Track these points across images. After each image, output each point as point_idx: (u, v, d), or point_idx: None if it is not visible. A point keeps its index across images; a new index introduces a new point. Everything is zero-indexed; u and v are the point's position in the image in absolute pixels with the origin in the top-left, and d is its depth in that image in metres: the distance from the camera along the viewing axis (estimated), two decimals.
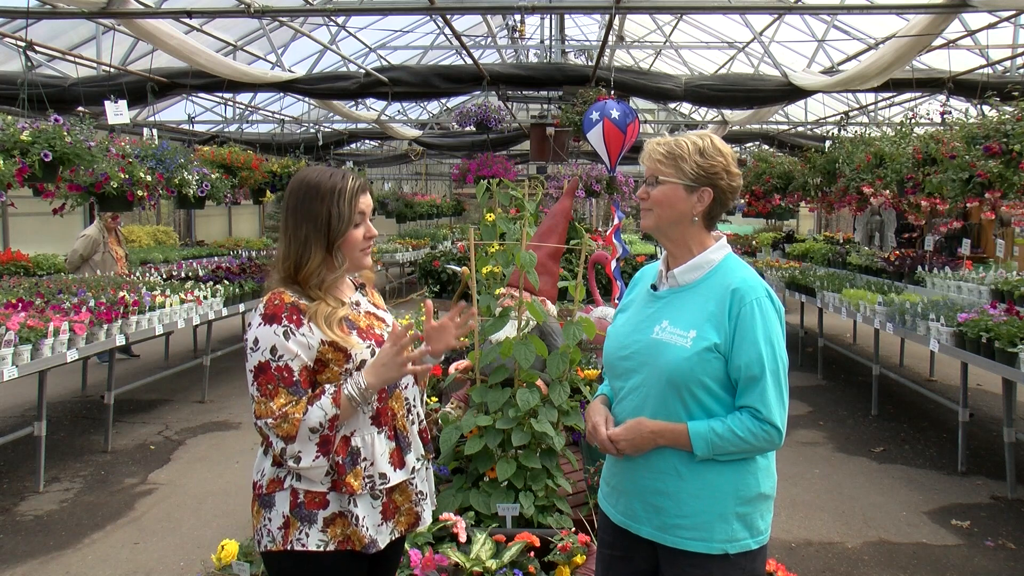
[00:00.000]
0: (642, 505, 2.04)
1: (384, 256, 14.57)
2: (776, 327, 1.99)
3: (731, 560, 1.96)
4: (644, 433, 2.00)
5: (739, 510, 1.97)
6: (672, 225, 2.07)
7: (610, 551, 2.16)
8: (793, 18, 9.12)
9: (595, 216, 19.57)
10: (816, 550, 4.39)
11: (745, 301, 1.97)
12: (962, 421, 5.61)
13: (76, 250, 8.66)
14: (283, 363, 1.93)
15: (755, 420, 1.93)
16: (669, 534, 1.99)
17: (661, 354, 2.00)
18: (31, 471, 5.37)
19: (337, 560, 1.98)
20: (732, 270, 2.05)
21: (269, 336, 1.93)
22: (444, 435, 3.17)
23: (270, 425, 1.91)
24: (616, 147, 7.61)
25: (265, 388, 1.92)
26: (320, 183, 2.03)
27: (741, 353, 1.94)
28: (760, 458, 2.02)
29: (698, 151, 2.04)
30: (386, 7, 7.78)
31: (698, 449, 1.94)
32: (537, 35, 13.05)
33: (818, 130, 13.48)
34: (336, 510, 1.97)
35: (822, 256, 10.32)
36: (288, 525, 1.96)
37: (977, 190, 5.57)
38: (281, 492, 1.98)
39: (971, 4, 5.44)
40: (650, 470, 2.02)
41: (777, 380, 1.95)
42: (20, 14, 6.20)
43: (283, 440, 1.91)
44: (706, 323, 1.98)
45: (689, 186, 2.04)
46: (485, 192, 3.66)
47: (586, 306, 5.26)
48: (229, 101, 12.17)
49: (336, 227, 2.01)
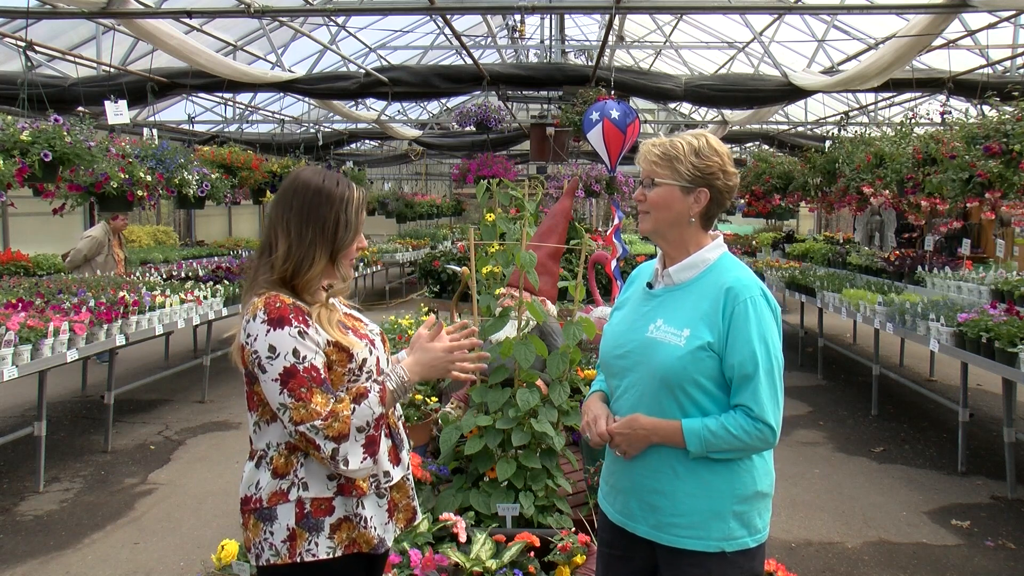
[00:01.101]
0: (639, 504, 2.04)
1: (384, 256, 14.57)
2: (771, 326, 1.98)
3: (729, 558, 1.96)
4: (638, 429, 2.00)
5: (736, 508, 1.97)
6: (670, 227, 2.07)
7: (609, 550, 2.16)
8: (793, 18, 9.12)
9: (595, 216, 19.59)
10: (816, 550, 4.39)
11: (739, 300, 1.96)
12: (962, 421, 5.61)
13: (80, 250, 8.66)
14: (308, 363, 1.86)
15: (748, 418, 1.93)
16: (666, 532, 1.99)
17: (655, 353, 2.00)
18: (31, 471, 5.37)
19: (345, 564, 1.95)
20: (727, 269, 2.05)
21: (286, 339, 1.85)
22: (444, 435, 3.17)
23: (319, 427, 1.82)
24: (616, 147, 7.61)
25: (299, 392, 1.83)
26: (329, 188, 1.97)
27: (735, 351, 1.94)
28: (757, 457, 2.01)
29: (694, 151, 2.03)
30: (386, 7, 7.78)
31: (691, 446, 1.94)
32: (537, 35, 13.05)
33: (818, 130, 13.48)
34: (342, 515, 1.94)
35: (822, 256, 10.32)
36: (295, 537, 1.90)
37: (977, 190, 5.57)
38: (285, 504, 1.91)
39: (971, 4, 5.44)
40: (647, 469, 2.03)
41: (771, 379, 1.95)
42: (20, 14, 6.20)
43: (334, 440, 1.84)
44: (700, 322, 1.98)
45: (685, 187, 2.03)
46: (485, 192, 3.66)
47: (586, 306, 5.26)
48: (229, 101, 12.16)
49: (343, 236, 1.97)
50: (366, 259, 13.28)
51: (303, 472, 1.93)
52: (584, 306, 5.18)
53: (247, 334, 1.89)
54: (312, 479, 1.93)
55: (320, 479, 1.93)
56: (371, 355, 2.02)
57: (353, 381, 1.97)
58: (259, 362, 1.86)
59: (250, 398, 1.99)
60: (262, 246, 2.02)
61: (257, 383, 1.92)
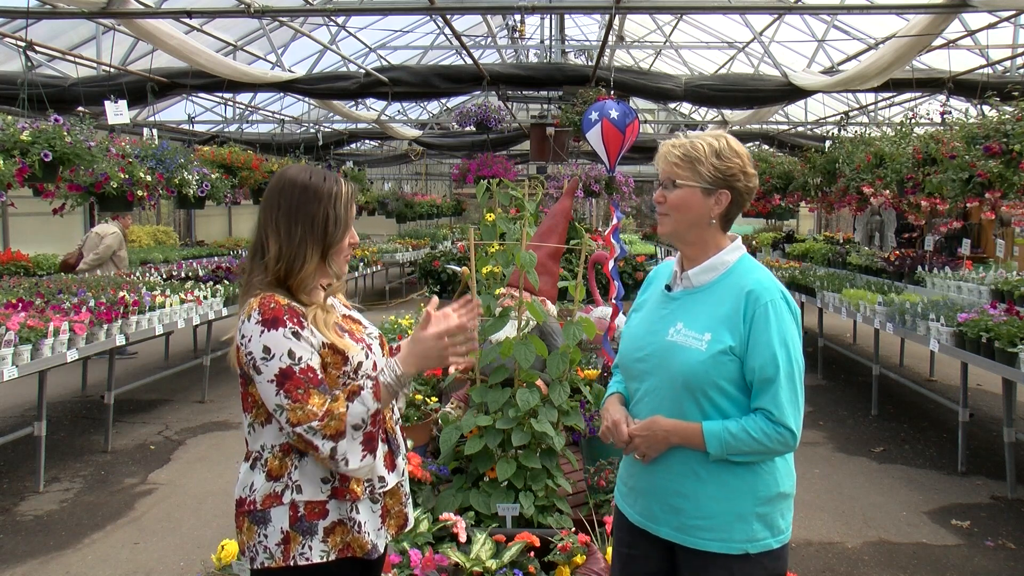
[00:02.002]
0: (661, 506, 2.04)
1: (384, 256, 14.56)
2: (791, 329, 1.98)
3: (752, 559, 1.96)
4: (658, 432, 1.99)
5: (759, 510, 1.97)
6: (689, 228, 2.05)
7: (628, 550, 2.16)
8: (793, 18, 9.12)
9: (595, 216, 19.58)
10: (816, 550, 4.39)
11: (760, 303, 1.96)
12: (962, 421, 5.61)
13: (111, 246, 8.75)
14: (304, 364, 1.85)
15: (769, 422, 1.93)
16: (689, 535, 1.99)
17: (676, 357, 1.99)
18: (31, 471, 5.37)
19: (339, 568, 1.94)
20: (747, 272, 2.04)
21: (280, 341, 1.84)
22: (444, 435, 3.17)
23: (316, 428, 1.81)
24: (615, 147, 7.60)
25: (296, 394, 1.82)
26: (316, 184, 1.95)
27: (755, 355, 1.94)
28: (779, 458, 2.01)
29: (714, 153, 2.01)
30: (386, 7, 7.78)
31: (711, 448, 1.94)
32: (537, 35, 13.05)
33: (818, 130, 13.48)
34: (336, 518, 1.93)
35: (822, 256, 10.32)
36: (288, 540, 1.89)
37: (977, 190, 5.57)
38: (279, 507, 1.91)
39: (971, 4, 5.44)
40: (668, 471, 2.02)
41: (792, 382, 1.95)
42: (20, 14, 6.20)
43: (331, 439, 1.82)
44: (721, 325, 1.97)
45: (706, 189, 2.01)
46: (485, 192, 3.66)
47: (586, 306, 5.26)
48: (229, 101, 12.16)
49: (333, 232, 1.96)
50: (366, 259, 13.28)
51: (297, 475, 1.92)
52: (584, 306, 5.18)
53: (242, 335, 1.89)
54: (306, 482, 1.92)
55: (314, 482, 1.92)
56: (367, 359, 2.01)
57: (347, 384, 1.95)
58: (254, 363, 1.85)
59: (245, 399, 1.98)
60: (253, 248, 2.00)
61: (252, 384, 1.92)
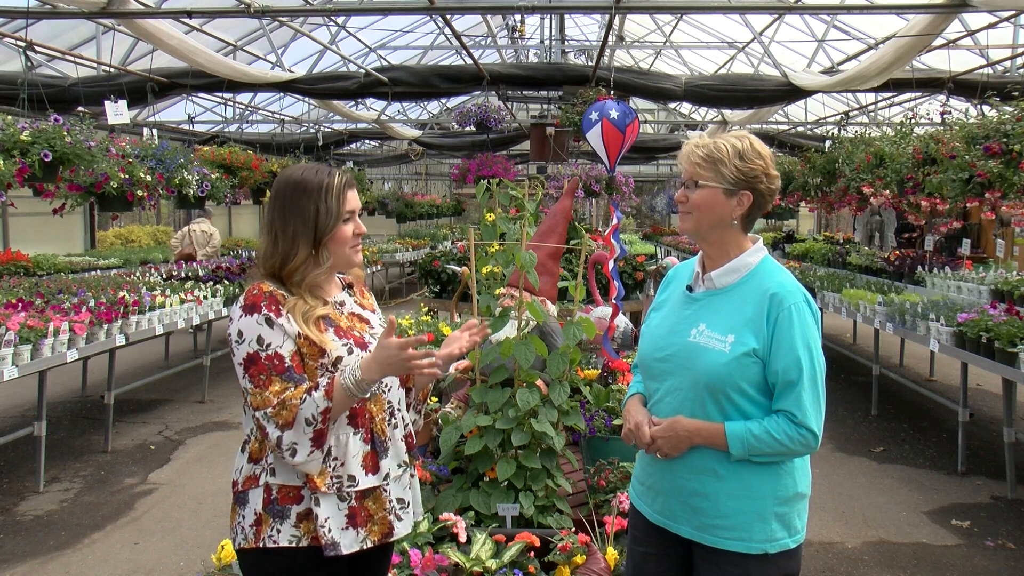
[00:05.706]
0: (680, 505, 2.05)
1: (384, 256, 14.56)
2: (813, 332, 1.99)
3: (769, 559, 1.98)
4: (681, 432, 2.00)
5: (778, 510, 1.98)
6: (711, 228, 2.07)
7: (644, 549, 2.17)
8: (793, 18, 9.12)
9: (595, 216, 19.57)
10: (816, 550, 4.39)
11: (783, 306, 1.97)
12: (962, 421, 5.61)
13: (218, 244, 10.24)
14: (271, 351, 1.91)
15: (791, 424, 1.94)
16: (709, 534, 2.00)
17: (699, 358, 2.00)
18: (31, 471, 5.37)
19: (310, 556, 1.94)
20: (770, 274, 2.06)
21: (252, 326, 1.92)
22: (444, 435, 3.17)
23: (269, 415, 1.87)
24: (615, 147, 7.60)
25: (258, 379, 1.89)
26: (307, 179, 2.02)
27: (779, 358, 1.95)
28: (797, 458, 2.03)
29: (737, 154, 2.02)
30: (386, 7, 7.78)
31: (734, 449, 1.95)
32: (537, 35, 13.04)
33: (818, 130, 13.48)
34: (309, 506, 1.95)
35: (822, 256, 10.32)
36: (260, 522, 1.94)
37: (977, 190, 5.57)
38: (255, 489, 1.96)
39: (971, 4, 5.44)
40: (688, 471, 2.03)
41: (814, 385, 1.96)
42: (20, 14, 6.19)
43: (280, 429, 1.87)
44: (744, 328, 1.98)
45: (729, 190, 2.02)
46: (485, 192, 3.66)
47: (586, 306, 5.26)
48: (229, 101, 12.16)
49: (324, 223, 2.00)
50: (366, 259, 13.28)
51: (272, 458, 1.97)
52: (584, 306, 5.18)
53: (230, 318, 2.00)
54: (279, 466, 1.96)
55: (288, 467, 1.95)
56: (350, 355, 2.01)
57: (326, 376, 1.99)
58: (232, 346, 1.95)
59: None
60: (259, 245, 2.09)
61: None
